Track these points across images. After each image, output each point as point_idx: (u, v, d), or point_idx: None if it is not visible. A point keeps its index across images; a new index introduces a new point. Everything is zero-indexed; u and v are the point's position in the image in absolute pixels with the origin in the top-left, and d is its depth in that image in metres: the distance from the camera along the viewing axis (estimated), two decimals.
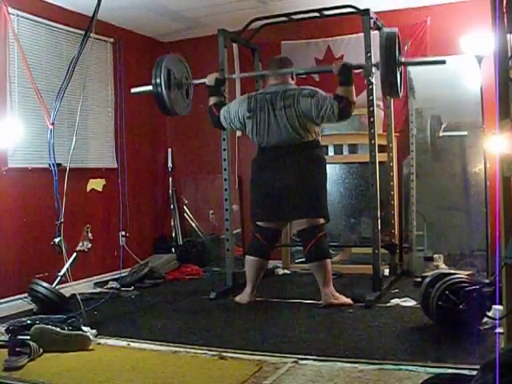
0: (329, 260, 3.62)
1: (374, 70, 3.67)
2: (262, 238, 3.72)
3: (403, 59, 3.69)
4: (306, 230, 3.61)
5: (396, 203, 4.52)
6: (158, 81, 3.78)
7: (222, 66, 4.13)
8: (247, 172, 3.92)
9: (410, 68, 4.65)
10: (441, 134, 4.52)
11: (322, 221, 3.64)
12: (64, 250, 3.69)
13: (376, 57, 3.61)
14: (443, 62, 3.45)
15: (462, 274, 3.09)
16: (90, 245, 4.55)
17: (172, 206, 5.52)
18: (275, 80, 3.71)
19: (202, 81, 3.93)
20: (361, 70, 3.87)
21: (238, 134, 5.21)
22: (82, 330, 2.95)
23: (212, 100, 3.85)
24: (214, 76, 3.86)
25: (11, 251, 3.89)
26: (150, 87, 3.85)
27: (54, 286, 3.61)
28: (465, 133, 4.44)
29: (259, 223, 3.75)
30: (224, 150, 4.16)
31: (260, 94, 3.72)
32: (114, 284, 4.47)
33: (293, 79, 3.76)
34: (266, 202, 3.68)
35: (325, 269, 3.58)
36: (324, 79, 4.71)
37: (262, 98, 3.65)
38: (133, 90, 4.13)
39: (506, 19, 2.02)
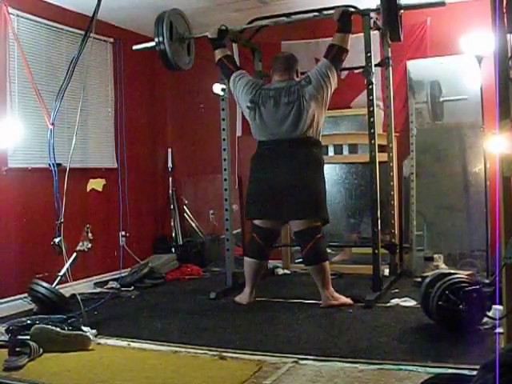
0: (326, 262, 3.59)
1: (375, 79, 3.69)
2: (260, 239, 3.69)
3: (402, 3, 3.71)
4: (303, 232, 3.58)
5: (396, 203, 4.52)
6: (161, 38, 3.75)
7: None
8: (247, 172, 3.92)
9: (410, 68, 4.66)
10: (441, 99, 4.51)
11: (319, 222, 3.60)
12: (64, 250, 3.69)
13: (376, 57, 3.61)
14: (443, 4, 3.49)
15: (462, 274, 3.09)
16: (89, 245, 4.55)
17: (172, 206, 5.52)
18: (280, 76, 3.70)
19: (204, 34, 3.89)
20: (361, 70, 3.88)
21: (238, 133, 5.22)
22: (82, 330, 2.95)
23: (219, 53, 3.84)
24: (216, 28, 3.84)
25: (11, 251, 3.89)
26: (152, 43, 3.83)
27: (53, 286, 3.61)
28: (465, 96, 4.41)
29: (256, 222, 3.71)
30: (224, 149, 4.16)
31: (264, 89, 3.69)
32: (114, 284, 4.47)
33: (297, 76, 3.75)
34: (262, 199, 3.63)
35: (323, 271, 3.56)
36: None
37: (265, 93, 3.64)
38: (134, 47, 4.11)
39: (506, 19, 2.02)
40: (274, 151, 3.61)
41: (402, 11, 3.61)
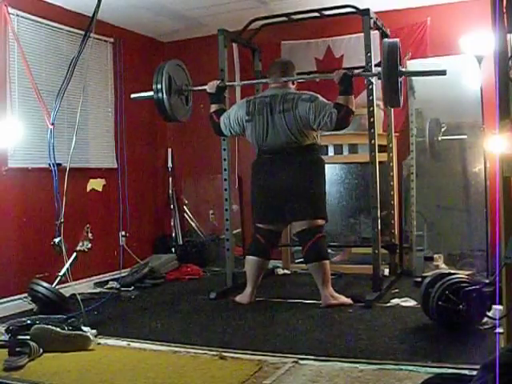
0: (327, 261, 3.62)
1: (375, 79, 3.68)
2: (263, 239, 3.74)
3: (404, 69, 3.69)
4: (304, 231, 3.62)
5: (396, 203, 4.52)
6: (159, 87, 3.73)
7: (221, 66, 4.13)
8: (247, 172, 3.93)
9: (410, 68, 4.64)
10: (440, 138, 4.51)
11: (320, 222, 3.65)
12: (64, 250, 3.69)
13: (376, 57, 3.61)
14: (443, 73, 3.45)
15: (462, 274, 3.09)
16: (89, 245, 4.54)
17: (172, 206, 5.52)
18: (275, 83, 3.71)
19: (202, 87, 3.90)
20: (361, 70, 3.88)
21: None
22: (82, 330, 2.94)
23: (213, 107, 3.84)
24: (215, 83, 3.83)
25: (11, 251, 3.89)
26: (150, 93, 3.82)
27: (53, 285, 3.61)
28: (464, 136, 4.43)
29: (259, 225, 3.76)
30: (224, 149, 4.16)
31: (259, 97, 3.72)
32: (114, 284, 4.47)
33: (293, 84, 3.76)
34: (266, 204, 3.70)
35: (323, 270, 3.58)
36: (324, 81, 4.71)
37: (261, 101, 3.65)
38: (133, 96, 4.09)
39: (506, 19, 2.02)
40: (274, 158, 3.64)
41: (402, 77, 3.60)
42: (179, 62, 4.01)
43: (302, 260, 4.71)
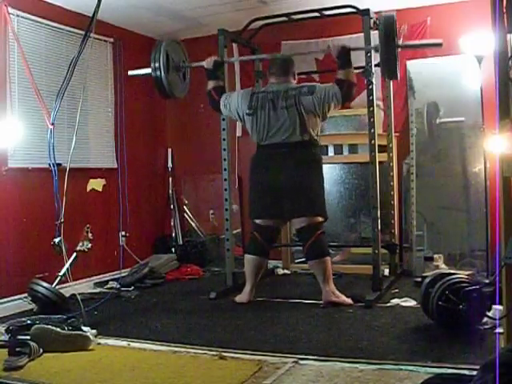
0: (328, 258, 3.63)
1: (375, 79, 3.70)
2: (261, 237, 3.72)
3: (400, 42, 3.72)
4: (304, 229, 3.62)
5: (396, 203, 4.52)
6: (157, 64, 3.76)
7: None
8: (247, 172, 3.92)
9: (410, 68, 4.66)
10: (438, 120, 4.51)
11: (320, 219, 3.65)
12: (64, 250, 3.69)
13: (376, 57, 3.62)
14: (440, 45, 3.50)
15: (462, 274, 3.09)
16: (89, 245, 4.54)
17: (172, 206, 5.52)
18: (277, 79, 3.71)
19: (200, 64, 3.91)
20: (361, 70, 3.88)
21: (238, 134, 5.21)
22: (82, 330, 2.94)
23: (211, 84, 3.85)
24: (212, 59, 3.85)
25: (11, 251, 3.89)
26: (148, 70, 3.84)
27: (53, 285, 3.61)
28: (462, 118, 4.41)
29: (257, 221, 3.75)
30: (224, 149, 4.16)
31: (262, 92, 3.72)
32: (114, 284, 4.46)
33: (294, 79, 3.77)
34: (264, 199, 3.68)
35: (324, 266, 3.58)
36: (324, 79, 4.71)
37: (263, 96, 3.65)
38: (130, 73, 4.11)
39: (506, 19, 2.02)
40: (273, 153, 3.64)
41: (399, 49, 3.63)
42: (176, 40, 4.02)
43: (302, 260, 4.72)
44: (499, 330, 2.52)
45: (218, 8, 4.59)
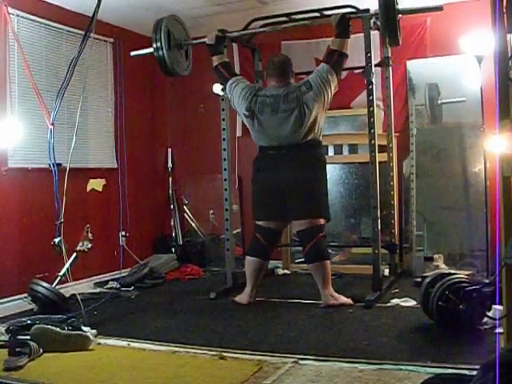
0: (328, 261, 3.62)
1: (374, 79, 3.71)
2: (263, 239, 3.72)
3: (400, 7, 3.73)
4: (305, 231, 3.61)
5: (396, 203, 4.52)
6: (159, 44, 3.78)
7: None
8: (247, 172, 3.93)
9: (410, 68, 4.66)
10: (439, 101, 4.51)
11: (321, 221, 3.64)
12: (64, 250, 3.69)
13: (376, 57, 3.62)
14: (440, 8, 3.52)
15: (462, 274, 3.09)
16: (89, 245, 4.54)
17: (172, 206, 5.52)
18: (277, 83, 3.68)
19: (201, 40, 3.93)
20: (361, 70, 3.88)
21: (238, 134, 5.21)
22: (82, 330, 2.94)
23: (216, 60, 3.86)
24: (213, 34, 3.86)
25: (11, 251, 3.89)
26: (150, 49, 3.85)
27: (53, 285, 3.61)
28: (463, 98, 4.40)
29: (259, 223, 3.75)
30: (224, 149, 4.16)
31: (262, 95, 3.67)
32: (114, 284, 4.46)
33: (293, 78, 3.76)
34: (266, 201, 3.68)
35: (324, 270, 3.57)
36: None
37: (262, 100, 3.63)
38: (132, 53, 4.14)
39: (506, 19, 2.03)
40: (275, 155, 3.64)
41: (400, 15, 3.62)
42: (176, 17, 4.03)
43: (302, 260, 4.72)
44: (499, 330, 2.52)
45: (217, 8, 4.59)
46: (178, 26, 4.01)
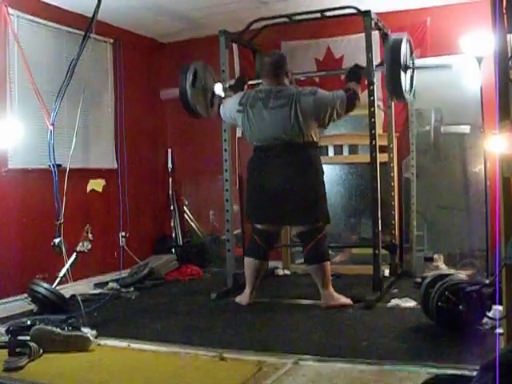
0: (328, 262, 3.60)
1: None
2: (261, 241, 3.70)
3: (411, 64, 3.73)
4: (305, 233, 3.60)
5: (396, 203, 4.52)
6: (184, 81, 3.90)
7: (223, 66, 4.13)
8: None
9: None
10: (443, 129, 4.50)
11: (321, 223, 3.62)
12: (64, 251, 3.69)
13: (376, 57, 3.62)
14: (450, 67, 3.51)
15: (462, 275, 3.09)
16: (89, 245, 4.53)
17: (172, 207, 5.52)
18: (270, 82, 3.65)
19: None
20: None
21: (238, 134, 5.21)
22: (82, 331, 2.94)
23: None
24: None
25: (11, 251, 3.89)
26: (176, 93, 3.96)
27: (53, 286, 3.61)
28: (467, 126, 4.40)
29: (257, 226, 3.73)
30: (225, 150, 4.15)
31: (254, 91, 3.68)
32: (114, 285, 4.46)
33: (287, 77, 3.70)
34: (261, 204, 3.64)
35: (324, 271, 3.57)
36: (323, 81, 4.71)
37: (254, 95, 3.62)
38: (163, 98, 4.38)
39: (506, 19, 2.02)
40: (269, 156, 3.58)
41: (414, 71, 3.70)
42: (205, 64, 4.14)
43: (302, 260, 4.71)
44: (499, 330, 2.52)
45: (218, 8, 4.59)
46: (208, 72, 4.13)
